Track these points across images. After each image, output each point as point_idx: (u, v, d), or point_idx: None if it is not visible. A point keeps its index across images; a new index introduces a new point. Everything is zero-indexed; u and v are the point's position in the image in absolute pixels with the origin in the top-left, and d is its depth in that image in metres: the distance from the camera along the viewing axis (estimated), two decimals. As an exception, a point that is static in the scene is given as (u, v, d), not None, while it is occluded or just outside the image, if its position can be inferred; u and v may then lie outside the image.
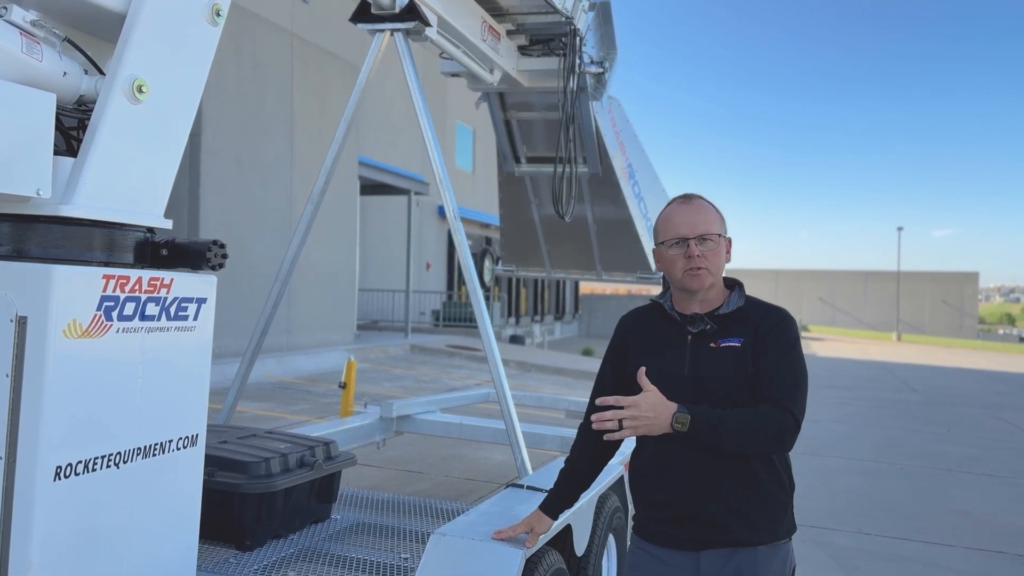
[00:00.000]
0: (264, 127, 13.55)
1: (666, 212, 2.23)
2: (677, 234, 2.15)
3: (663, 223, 2.21)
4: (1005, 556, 5.55)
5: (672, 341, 2.18)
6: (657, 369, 2.15)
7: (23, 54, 2.02)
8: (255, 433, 3.53)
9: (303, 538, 3.25)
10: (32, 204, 2.06)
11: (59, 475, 2.00)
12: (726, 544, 2.09)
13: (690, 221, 2.15)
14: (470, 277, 4.16)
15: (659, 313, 2.26)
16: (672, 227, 2.17)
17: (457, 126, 26.05)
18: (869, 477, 8.03)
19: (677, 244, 2.15)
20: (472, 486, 6.43)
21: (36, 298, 1.96)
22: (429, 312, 23.47)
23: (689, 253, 2.12)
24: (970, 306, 63.15)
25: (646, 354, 2.20)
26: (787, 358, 2.11)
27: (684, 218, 2.16)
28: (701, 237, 2.13)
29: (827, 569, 5.10)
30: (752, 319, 2.15)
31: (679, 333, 2.17)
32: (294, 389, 11.38)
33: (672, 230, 2.17)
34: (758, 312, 2.17)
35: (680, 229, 2.15)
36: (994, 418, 13.07)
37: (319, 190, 4.35)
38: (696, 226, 2.14)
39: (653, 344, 2.22)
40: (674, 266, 2.16)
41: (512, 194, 6.92)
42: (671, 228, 2.17)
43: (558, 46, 5.40)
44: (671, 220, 2.19)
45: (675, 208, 2.21)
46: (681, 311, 2.20)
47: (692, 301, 2.19)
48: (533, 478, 3.36)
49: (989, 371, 24.93)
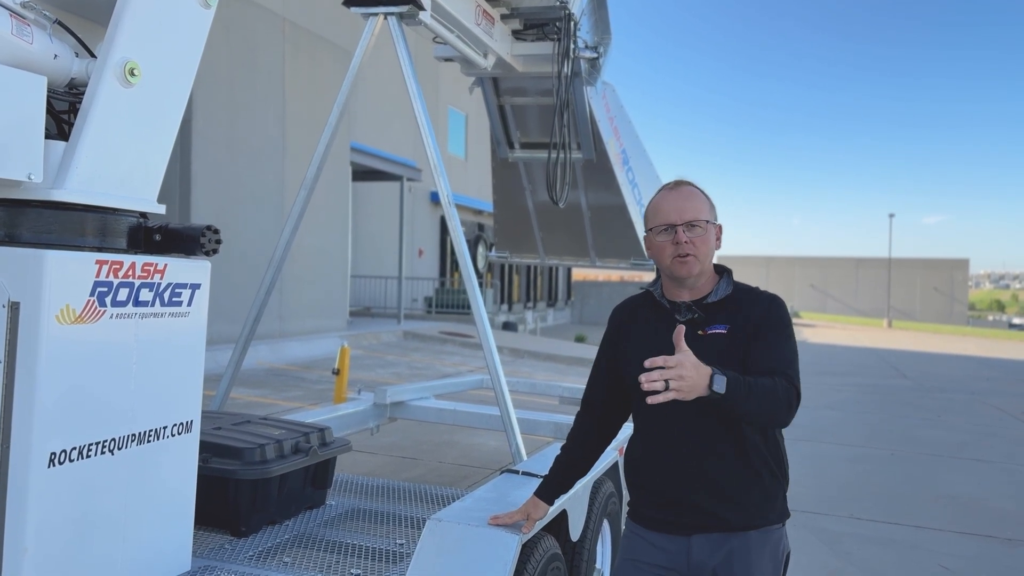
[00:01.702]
0: (256, 112, 13.46)
1: (655, 199, 2.22)
2: (665, 220, 2.14)
3: (652, 210, 2.20)
4: (995, 540, 5.60)
5: (661, 329, 2.16)
6: (645, 356, 2.15)
7: (13, 36, 1.99)
8: (249, 419, 3.52)
9: (298, 524, 3.24)
10: (23, 188, 2.04)
11: (53, 462, 1.99)
12: (717, 529, 2.09)
13: (678, 207, 2.14)
14: (465, 264, 4.14)
15: (650, 301, 2.25)
16: (660, 214, 2.16)
17: (449, 111, 25.94)
18: (860, 462, 8.08)
19: (665, 231, 2.13)
20: (466, 472, 6.45)
21: (29, 284, 1.95)
22: (422, 299, 23.45)
23: (677, 239, 2.11)
24: (960, 293, 63.51)
25: (637, 343, 2.21)
26: (782, 337, 2.11)
27: (672, 204, 2.15)
28: (689, 224, 2.12)
29: (819, 554, 5.14)
30: (741, 306, 2.14)
31: (668, 321, 2.16)
32: (287, 376, 11.36)
33: (660, 216, 2.16)
34: (747, 298, 2.17)
35: (668, 216, 2.14)
36: (983, 404, 13.17)
37: (312, 176, 4.32)
38: (684, 212, 2.13)
39: (644, 333, 2.22)
40: (662, 253, 2.15)
41: (506, 180, 6.89)
42: (659, 215, 2.16)
43: (552, 31, 5.37)
44: (660, 207, 2.18)
45: (664, 195, 2.20)
46: (671, 299, 2.20)
47: (681, 288, 2.18)
48: (528, 464, 3.37)
49: (979, 357, 25.09)
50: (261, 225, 13.29)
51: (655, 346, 2.15)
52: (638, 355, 2.18)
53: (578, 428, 2.43)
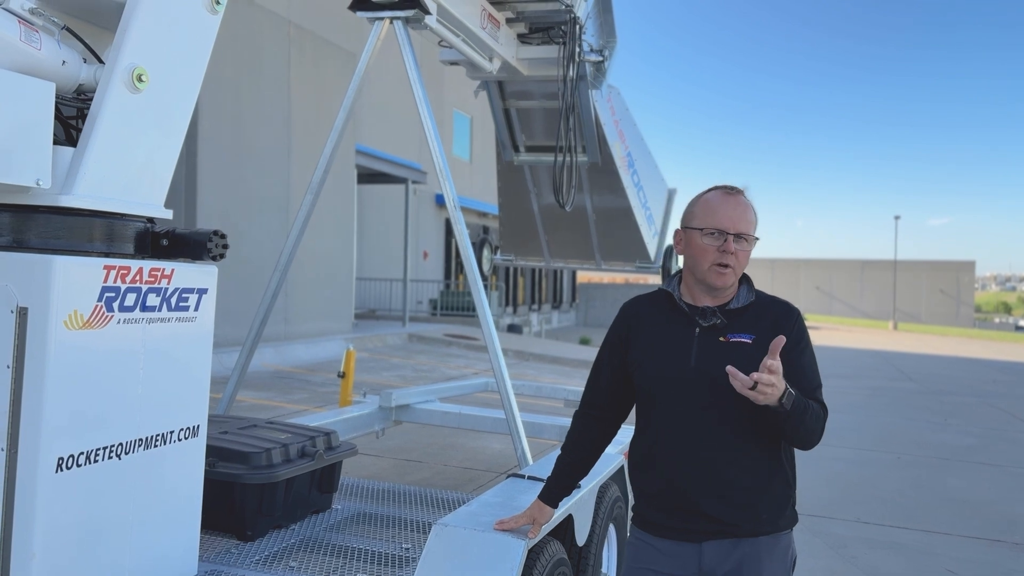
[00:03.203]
0: (261, 116, 13.49)
1: (708, 198, 2.14)
2: (718, 225, 2.07)
3: (704, 208, 2.12)
4: (1003, 545, 5.57)
5: (679, 332, 2.13)
6: (661, 358, 2.13)
7: (22, 42, 2.00)
8: (255, 423, 3.52)
9: (304, 528, 3.25)
10: (32, 194, 2.05)
11: (61, 467, 1.99)
12: (729, 535, 2.07)
13: (734, 216, 2.08)
14: (470, 267, 4.14)
15: (666, 302, 2.20)
16: (714, 216, 2.09)
17: (455, 114, 25.96)
18: (867, 466, 8.06)
19: (715, 235, 2.07)
20: (471, 475, 6.44)
21: (37, 289, 1.95)
22: (427, 301, 23.46)
23: (726, 248, 2.05)
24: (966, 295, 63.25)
25: (650, 343, 2.17)
26: (809, 356, 2.13)
27: (728, 211, 2.09)
28: (740, 235, 2.07)
29: (825, 558, 5.13)
30: (765, 315, 2.12)
31: (687, 324, 2.13)
32: (292, 378, 11.37)
33: (713, 219, 2.08)
34: (771, 308, 2.15)
35: (722, 221, 2.07)
36: (991, 407, 13.12)
37: (318, 180, 4.33)
38: (738, 223, 2.07)
39: (658, 333, 2.17)
40: (703, 255, 2.08)
41: (511, 183, 6.89)
42: (713, 217, 2.09)
43: (558, 34, 5.37)
44: (715, 209, 2.10)
45: (720, 197, 2.12)
46: (690, 302, 2.15)
47: (706, 294, 2.14)
48: (534, 468, 3.36)
49: (985, 360, 25.00)
50: (267, 228, 13.31)
51: (672, 349, 2.13)
52: (653, 356, 2.16)
53: (578, 428, 2.39)
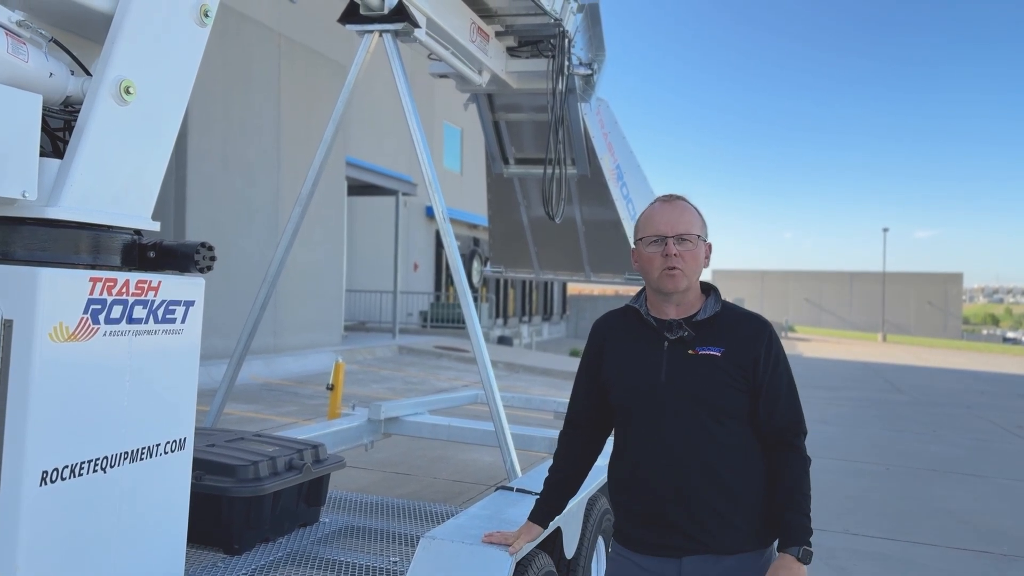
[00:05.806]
0: (251, 128, 13.49)
1: (648, 210, 2.21)
2: (656, 232, 2.13)
3: (644, 221, 2.19)
4: (990, 556, 5.59)
5: (648, 347, 2.14)
6: (633, 375, 2.14)
7: (9, 54, 2.00)
8: (243, 436, 3.51)
9: (292, 542, 3.23)
10: (17, 206, 2.04)
11: (45, 480, 1.98)
12: (709, 551, 2.06)
13: (671, 220, 2.13)
14: (460, 279, 4.15)
15: (634, 318, 2.22)
16: (652, 225, 2.15)
17: (445, 126, 26.01)
18: (856, 477, 8.08)
19: (655, 242, 2.12)
20: (460, 488, 6.42)
21: (22, 301, 1.94)
22: (417, 313, 23.42)
23: (667, 251, 2.09)
24: (954, 307, 63.70)
25: (621, 359, 2.19)
26: (785, 379, 2.14)
27: (664, 217, 2.14)
28: (680, 237, 2.11)
29: (814, 569, 5.13)
30: (733, 328, 2.13)
31: (655, 339, 2.14)
32: (281, 391, 11.32)
33: (651, 227, 2.14)
34: (739, 321, 2.15)
35: (659, 227, 2.13)
36: (979, 418, 13.18)
37: (307, 192, 4.33)
38: (676, 225, 2.12)
39: (627, 350, 2.19)
40: (651, 264, 2.13)
41: (501, 195, 6.92)
42: (651, 225, 2.15)
43: (547, 48, 5.41)
44: (652, 218, 2.17)
45: (657, 207, 2.19)
46: (657, 316, 2.17)
47: (668, 304, 2.15)
48: (523, 480, 3.36)
49: (973, 371, 25.14)
50: (256, 240, 13.28)
51: (643, 365, 2.14)
52: (624, 373, 2.17)
53: (564, 447, 2.42)
